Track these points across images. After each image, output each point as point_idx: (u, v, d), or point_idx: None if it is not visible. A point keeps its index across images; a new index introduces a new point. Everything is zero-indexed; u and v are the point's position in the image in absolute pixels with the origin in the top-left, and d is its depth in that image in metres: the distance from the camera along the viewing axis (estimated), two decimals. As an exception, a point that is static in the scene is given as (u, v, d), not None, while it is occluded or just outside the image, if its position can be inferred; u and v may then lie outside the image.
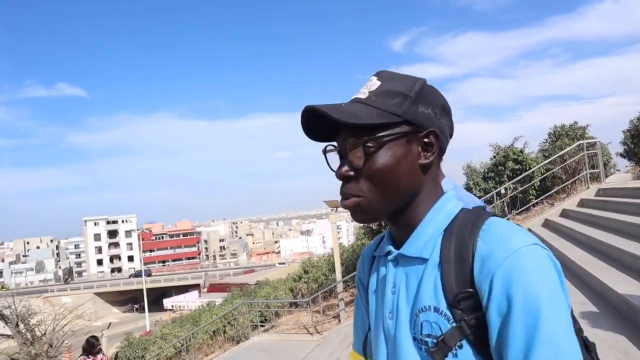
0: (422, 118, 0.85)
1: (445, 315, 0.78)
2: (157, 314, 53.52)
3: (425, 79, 0.90)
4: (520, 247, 0.73)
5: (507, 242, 0.75)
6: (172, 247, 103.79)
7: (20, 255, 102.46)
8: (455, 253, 0.79)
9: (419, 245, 0.85)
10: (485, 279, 0.74)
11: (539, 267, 0.72)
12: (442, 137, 0.88)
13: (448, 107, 0.90)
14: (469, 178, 13.38)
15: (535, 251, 0.74)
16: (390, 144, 0.83)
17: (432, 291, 0.80)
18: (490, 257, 0.75)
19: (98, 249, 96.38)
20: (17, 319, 17.30)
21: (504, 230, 0.78)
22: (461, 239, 0.80)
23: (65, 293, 67.97)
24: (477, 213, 0.85)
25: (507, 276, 0.72)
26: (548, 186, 11.49)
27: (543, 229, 9.05)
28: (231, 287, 37.26)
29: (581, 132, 12.69)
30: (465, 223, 0.83)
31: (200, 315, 17.34)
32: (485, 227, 0.80)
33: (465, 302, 0.76)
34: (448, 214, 0.86)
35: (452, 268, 0.79)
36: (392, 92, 0.85)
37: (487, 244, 0.77)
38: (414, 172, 0.85)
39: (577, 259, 5.68)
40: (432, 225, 0.85)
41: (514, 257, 0.72)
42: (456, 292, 0.77)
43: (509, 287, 0.71)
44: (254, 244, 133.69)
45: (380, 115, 0.83)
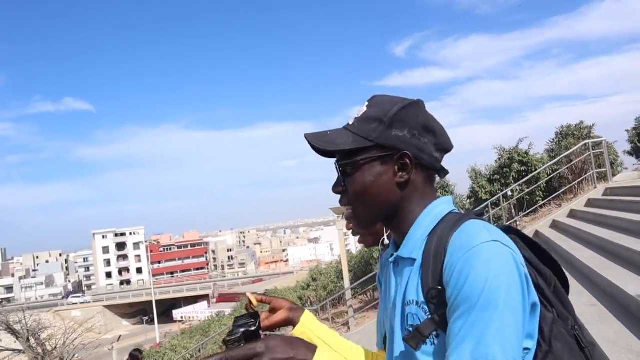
0: (395, 141, 0.93)
1: (423, 308, 0.86)
2: (167, 325, 53.53)
3: (415, 100, 0.99)
4: (479, 243, 0.80)
5: (470, 239, 0.82)
6: (180, 258, 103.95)
7: (30, 269, 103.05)
8: (434, 252, 0.88)
9: (410, 247, 0.94)
10: (448, 274, 0.82)
11: (490, 261, 0.78)
12: (423, 155, 0.95)
13: (431, 126, 0.97)
14: (474, 181, 13.32)
15: (492, 247, 0.80)
16: (366, 166, 0.95)
17: (415, 287, 0.89)
18: (454, 254, 0.82)
19: (107, 262, 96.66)
20: (28, 334, 17.37)
21: (473, 229, 0.85)
22: (440, 238, 0.88)
23: (74, 307, 68.19)
24: (461, 215, 0.92)
25: (460, 270, 0.79)
26: (555, 187, 11.43)
27: (551, 230, 8.99)
28: (240, 296, 37.22)
29: (587, 131, 12.62)
30: (447, 224, 0.90)
31: (210, 326, 17.35)
32: (460, 227, 0.87)
33: (436, 298, 0.84)
34: (436, 216, 0.94)
35: (430, 266, 0.87)
36: (370, 117, 0.95)
37: (456, 242, 0.84)
38: (390, 190, 0.95)
39: (585, 259, 5.63)
40: (422, 227, 0.94)
41: (471, 252, 0.79)
42: (430, 287, 0.85)
43: (459, 280, 0.79)
44: (262, 253, 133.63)
45: (355, 141, 0.94)
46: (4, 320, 17.54)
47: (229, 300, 48.20)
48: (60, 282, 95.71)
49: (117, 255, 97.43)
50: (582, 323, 3.38)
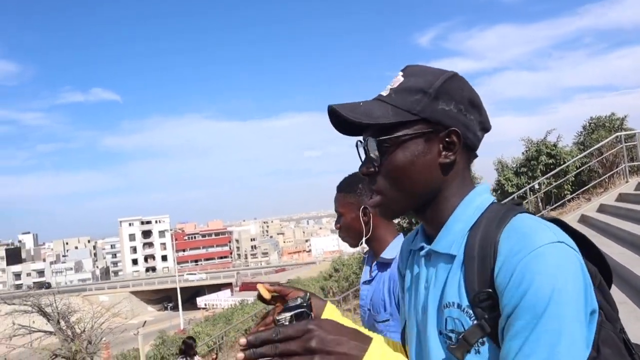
0: (442, 116, 0.82)
1: (467, 312, 0.77)
2: (191, 312, 54.55)
3: (454, 72, 0.86)
4: (542, 244, 0.69)
5: (529, 239, 0.71)
6: (204, 247, 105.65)
7: (60, 255, 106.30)
8: (479, 250, 0.77)
9: (448, 242, 0.84)
10: (503, 278, 0.71)
11: (558, 266, 0.68)
12: (468, 134, 0.84)
13: (477, 101, 0.86)
14: (500, 174, 13.10)
15: (558, 250, 0.69)
16: (407, 143, 0.82)
17: (456, 288, 0.79)
18: (510, 255, 0.72)
19: (133, 249, 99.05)
20: (59, 317, 17.93)
21: (529, 226, 0.74)
22: (486, 235, 0.78)
23: (102, 292, 70.08)
24: (506, 208, 0.82)
25: (522, 273, 0.69)
26: (584, 180, 11.14)
27: (579, 225, 8.78)
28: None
29: (619, 123, 12.23)
30: (493, 218, 0.80)
31: (233, 314, 17.60)
32: (511, 224, 0.76)
33: (485, 302, 0.75)
34: (476, 208, 0.84)
35: (475, 265, 0.77)
36: (411, 88, 0.83)
37: (510, 241, 0.74)
38: (432, 171, 0.83)
39: (616, 255, 5.48)
40: (461, 220, 0.84)
41: (533, 255, 0.69)
42: (477, 290, 0.75)
43: (521, 285, 0.68)
44: (285, 243, 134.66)
45: (395, 114, 0.81)
46: (36, 303, 18.16)
47: (251, 289, 48.16)
48: (88, 267, 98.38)
49: (143, 243, 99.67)
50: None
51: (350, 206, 1.73)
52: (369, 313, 1.73)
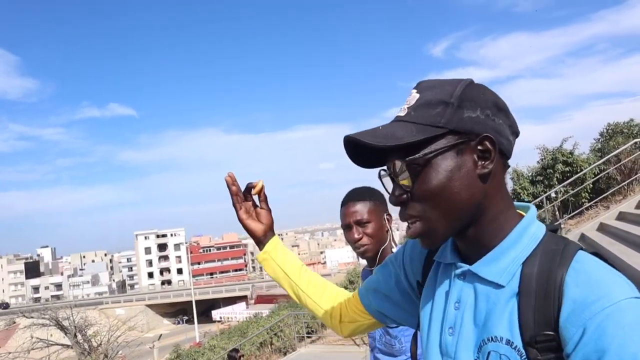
0: (471, 124, 0.75)
1: (519, 351, 0.71)
2: (206, 325, 54.58)
3: (471, 79, 0.81)
4: (621, 299, 0.65)
5: (606, 291, 0.66)
6: (219, 260, 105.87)
7: (77, 268, 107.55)
8: (538, 287, 0.72)
9: (497, 269, 0.77)
10: (574, 326, 0.66)
11: (638, 323, 0.64)
12: (502, 139, 0.78)
13: (502, 104, 0.80)
14: (516, 183, 12.95)
15: (637, 306, 0.65)
16: (438, 158, 0.75)
17: (506, 322, 0.73)
18: (584, 304, 0.67)
19: (149, 262, 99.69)
20: (75, 330, 18.10)
21: (602, 274, 0.69)
22: (547, 271, 0.72)
23: (118, 305, 70.55)
24: (564, 243, 0.76)
25: (603, 328, 0.64)
26: (602, 188, 10.95)
27: (598, 234, 8.61)
28: (278, 298, 37.52)
29: (638, 129, 12.05)
30: (552, 253, 0.74)
31: (248, 327, 17.53)
32: (576, 265, 0.71)
33: (544, 344, 0.69)
34: (532, 238, 0.77)
35: (532, 302, 0.72)
36: (431, 102, 0.77)
37: (581, 287, 0.68)
38: (472, 185, 0.76)
39: (637, 264, 5.36)
40: (515, 249, 0.77)
41: (614, 309, 0.64)
42: (535, 331, 0.70)
43: (602, 340, 0.64)
44: (300, 255, 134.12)
45: (420, 131, 0.75)
46: (54, 317, 18.35)
47: (266, 301, 48.71)
48: (105, 281, 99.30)
49: (159, 256, 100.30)
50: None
51: (377, 214, 1.74)
52: None
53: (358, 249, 1.75)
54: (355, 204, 1.74)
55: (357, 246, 1.73)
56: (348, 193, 1.80)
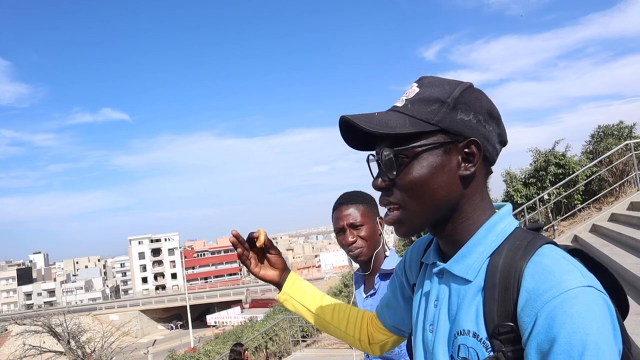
0: (461, 126, 0.79)
1: (484, 343, 0.75)
2: (201, 330, 54.29)
3: (471, 83, 0.84)
4: (572, 287, 0.67)
5: (557, 280, 0.69)
6: (213, 264, 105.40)
7: (70, 274, 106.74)
8: (501, 281, 0.75)
9: (466, 265, 0.81)
10: (528, 315, 0.69)
11: (589, 311, 0.66)
12: (488, 146, 0.81)
13: (496, 113, 0.83)
14: (509, 185, 13.01)
15: (588, 294, 0.67)
16: (426, 154, 0.79)
17: (473, 316, 0.77)
18: (536, 293, 0.69)
19: (142, 267, 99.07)
20: (69, 336, 17.94)
21: (556, 265, 0.71)
22: (509, 265, 0.75)
23: (112, 310, 70.06)
24: (532, 235, 0.79)
25: (552, 317, 0.66)
26: (594, 190, 11.03)
27: (591, 235, 8.67)
28: (273, 302, 37.41)
29: (628, 131, 12.15)
30: (516, 248, 0.77)
31: (243, 331, 17.47)
32: (536, 258, 0.74)
33: (505, 335, 0.73)
34: (500, 233, 0.81)
35: (495, 296, 0.75)
36: (428, 98, 0.80)
37: (535, 278, 0.71)
38: (452, 184, 0.80)
39: (629, 265, 5.39)
40: (482, 244, 0.80)
41: (563, 298, 0.67)
42: (497, 323, 0.73)
43: (552, 328, 0.66)
44: (294, 259, 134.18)
45: (413, 124, 0.78)
46: (47, 323, 18.18)
47: (261, 305, 48.54)
48: (98, 286, 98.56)
49: (153, 261, 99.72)
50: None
51: (370, 217, 1.74)
52: None
53: (352, 252, 1.73)
54: (348, 207, 1.74)
55: (351, 249, 1.72)
56: (340, 197, 1.79)
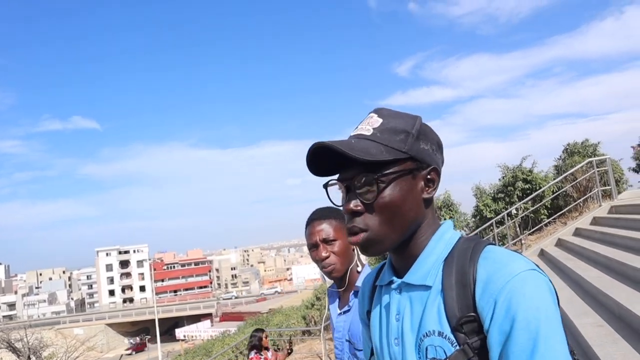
0: (424, 154, 0.90)
1: (449, 338, 0.82)
2: (170, 344, 53.02)
3: (421, 116, 0.95)
4: (520, 271, 0.78)
5: (506, 267, 0.79)
6: (183, 276, 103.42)
7: (33, 287, 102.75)
8: (457, 280, 0.84)
9: (422, 273, 0.89)
10: (487, 302, 0.78)
11: (537, 290, 0.76)
12: (440, 172, 0.94)
13: (441, 144, 0.97)
14: (479, 199, 13.28)
15: (534, 276, 0.78)
16: (399, 179, 0.88)
17: (435, 316, 0.84)
18: (491, 281, 0.79)
19: (110, 280, 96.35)
20: (29, 352, 17.26)
21: (503, 256, 0.82)
22: (461, 266, 0.85)
23: (77, 324, 67.77)
24: (475, 241, 0.89)
25: (508, 299, 0.76)
26: (560, 205, 11.36)
27: (556, 249, 8.91)
28: (243, 315, 36.94)
29: (592, 149, 12.60)
30: (465, 251, 0.87)
31: (213, 345, 17.17)
32: (484, 255, 0.84)
33: (467, 326, 0.80)
34: (448, 242, 0.91)
35: (454, 294, 0.83)
36: (395, 129, 0.89)
37: (487, 269, 0.81)
38: (418, 206, 0.90)
39: (592, 278, 5.56)
40: (434, 254, 0.90)
41: (515, 281, 0.77)
42: (459, 316, 0.81)
43: (510, 309, 0.76)
44: (266, 272, 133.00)
45: (389, 152, 0.87)
46: (5, 338, 17.46)
47: (232, 319, 47.89)
48: (63, 299, 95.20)
49: (121, 273, 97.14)
50: (589, 344, 3.27)
51: (344, 232, 1.69)
52: (349, 344, 1.69)
53: (325, 268, 1.70)
54: (321, 223, 1.72)
55: (324, 265, 1.69)
56: (313, 212, 1.78)
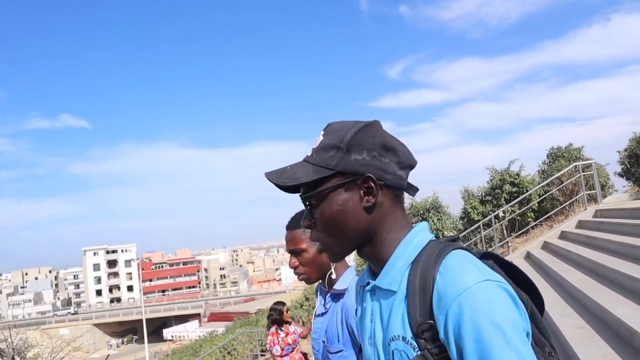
0: (356, 166, 0.92)
1: (411, 344, 0.84)
2: (157, 344, 52.68)
3: (368, 122, 0.96)
4: (470, 284, 0.79)
5: (459, 280, 0.80)
6: (172, 276, 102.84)
7: (18, 286, 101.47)
8: (420, 285, 0.85)
9: (389, 278, 0.92)
10: (440, 313, 0.80)
11: (488, 302, 0.77)
12: (386, 176, 0.93)
13: (390, 144, 0.95)
14: (467, 202, 13.39)
15: (485, 287, 0.79)
16: (330, 195, 0.93)
17: (400, 322, 0.87)
18: (444, 293, 0.81)
19: (97, 279, 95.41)
20: (14, 352, 17.05)
21: (459, 266, 0.83)
22: (424, 271, 0.86)
23: (63, 325, 67.04)
24: (443, 244, 0.90)
25: (458, 313, 0.78)
26: (546, 208, 11.50)
27: (542, 252, 9.02)
28: (232, 315, 36.82)
29: (577, 153, 12.77)
30: (430, 256, 0.88)
31: (201, 346, 17.11)
32: (444, 262, 0.85)
33: (427, 333, 0.83)
34: (415, 246, 0.93)
35: (416, 300, 0.85)
36: (327, 146, 0.94)
37: (443, 278, 0.83)
38: (358, 215, 0.93)
39: (575, 281, 5.65)
40: (401, 258, 0.92)
41: (465, 295, 0.78)
42: (419, 322, 0.83)
43: (460, 324, 0.77)
44: (255, 272, 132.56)
45: (315, 172, 0.93)
46: (-11, 339, 17.23)
47: (220, 319, 47.60)
48: (49, 299, 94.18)
49: (108, 273, 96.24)
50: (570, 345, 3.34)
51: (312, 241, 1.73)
52: (323, 345, 1.74)
53: (298, 277, 1.80)
54: (290, 233, 1.78)
55: (296, 274, 1.79)
56: (290, 219, 1.82)
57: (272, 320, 5.65)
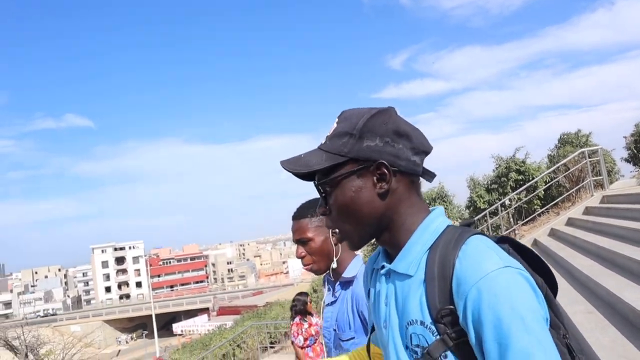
0: (368, 152, 0.92)
1: (430, 328, 0.85)
2: (167, 339, 53.17)
3: (380, 108, 0.96)
4: (490, 271, 0.79)
5: (479, 265, 0.81)
6: (179, 272, 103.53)
7: (28, 285, 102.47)
8: (439, 271, 0.86)
9: (406, 263, 0.92)
10: (460, 299, 0.81)
11: (508, 288, 0.78)
12: (400, 162, 0.93)
13: (403, 130, 0.94)
14: (473, 191, 13.37)
15: (505, 273, 0.79)
16: (344, 182, 0.94)
17: (418, 306, 0.88)
18: (464, 279, 0.81)
19: (106, 276, 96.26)
20: (27, 349, 17.27)
21: (478, 252, 0.84)
22: (443, 257, 0.87)
23: (74, 321, 67.73)
24: (461, 230, 0.91)
25: (477, 299, 0.78)
26: (553, 195, 11.46)
27: (549, 239, 9.00)
28: (240, 309, 37.06)
29: (584, 139, 12.70)
30: (449, 241, 0.89)
31: (211, 339, 17.24)
32: (463, 247, 0.86)
33: (447, 318, 0.83)
34: (434, 231, 0.93)
35: (435, 285, 0.86)
36: (340, 133, 0.94)
37: (463, 264, 0.83)
38: (373, 202, 0.93)
39: (583, 267, 5.64)
40: (419, 243, 0.93)
41: (484, 281, 0.79)
42: (439, 308, 0.84)
43: (479, 309, 0.78)
44: (262, 265, 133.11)
45: (328, 159, 0.94)
46: (2, 336, 17.45)
47: (229, 313, 47.91)
48: (59, 297, 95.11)
49: (117, 270, 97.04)
50: (579, 331, 3.36)
51: (319, 229, 1.75)
52: (335, 333, 1.75)
53: (305, 267, 1.80)
54: (297, 222, 1.79)
55: (303, 264, 1.80)
56: (296, 209, 1.83)
57: (296, 310, 5.59)
